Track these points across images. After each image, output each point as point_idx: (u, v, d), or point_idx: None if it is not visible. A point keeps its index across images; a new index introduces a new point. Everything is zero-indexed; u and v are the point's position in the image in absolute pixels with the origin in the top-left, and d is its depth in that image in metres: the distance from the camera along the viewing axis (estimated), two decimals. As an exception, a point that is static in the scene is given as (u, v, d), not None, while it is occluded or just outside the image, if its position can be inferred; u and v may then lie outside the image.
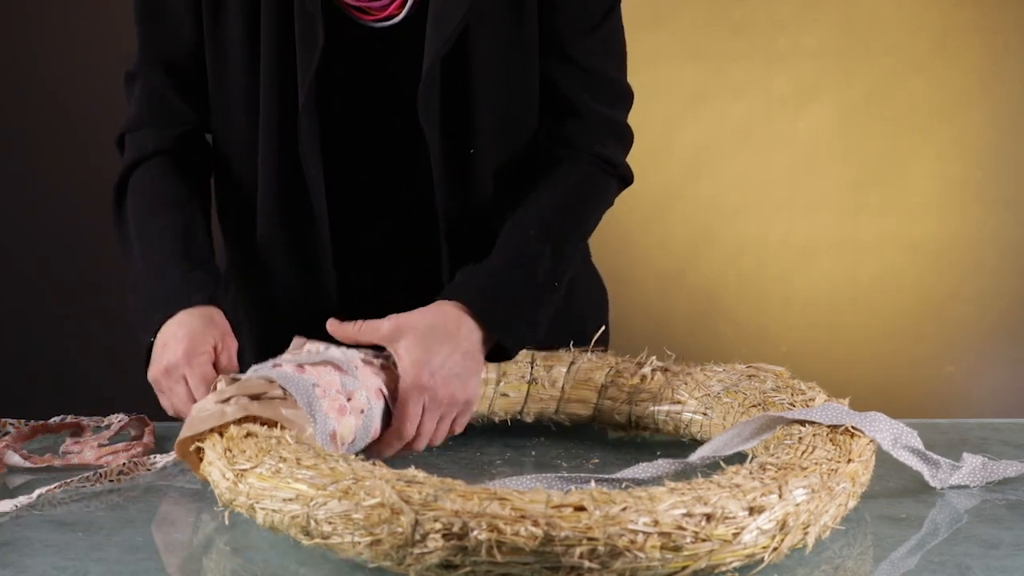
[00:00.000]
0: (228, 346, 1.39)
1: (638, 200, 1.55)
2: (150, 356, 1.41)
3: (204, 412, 1.25)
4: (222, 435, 1.22)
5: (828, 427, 1.26)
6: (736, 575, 1.09)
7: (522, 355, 1.53)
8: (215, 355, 1.38)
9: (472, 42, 1.49)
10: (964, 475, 1.34)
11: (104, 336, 2.78)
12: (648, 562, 1.03)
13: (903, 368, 3.04)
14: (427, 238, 1.54)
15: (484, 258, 1.46)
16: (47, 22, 2.88)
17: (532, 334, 1.46)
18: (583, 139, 1.56)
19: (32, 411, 1.59)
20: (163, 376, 1.38)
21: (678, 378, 1.50)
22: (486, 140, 1.52)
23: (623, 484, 1.26)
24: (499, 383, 1.51)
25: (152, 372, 1.39)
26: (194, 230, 1.49)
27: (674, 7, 2.94)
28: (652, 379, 1.51)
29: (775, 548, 1.09)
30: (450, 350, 1.36)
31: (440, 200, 1.52)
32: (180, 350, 1.36)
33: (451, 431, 1.40)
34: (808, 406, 1.33)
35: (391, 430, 1.35)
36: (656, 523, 1.03)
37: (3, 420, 1.53)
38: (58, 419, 1.55)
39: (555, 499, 1.04)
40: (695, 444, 1.40)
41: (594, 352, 1.56)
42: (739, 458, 1.24)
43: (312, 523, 1.08)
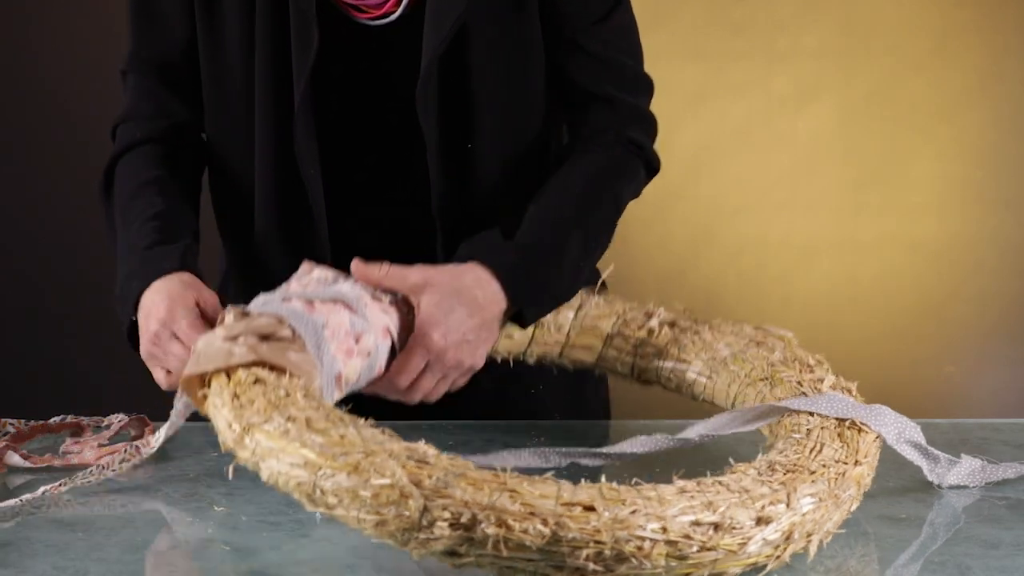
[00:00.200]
0: (208, 300, 1.38)
1: (638, 200, 1.55)
2: (136, 337, 1.40)
3: (211, 348, 1.22)
4: (229, 376, 1.20)
5: (835, 419, 1.25)
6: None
7: None
8: (199, 309, 1.36)
9: (470, 39, 1.48)
10: (963, 476, 1.34)
11: (104, 336, 2.77)
12: (652, 569, 1.03)
13: (903, 368, 3.04)
14: (424, 237, 1.54)
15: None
16: (47, 22, 2.88)
17: (553, 308, 1.46)
18: (607, 124, 1.54)
19: (32, 411, 1.59)
20: (154, 342, 1.36)
21: (686, 335, 1.48)
22: (485, 137, 1.51)
23: (621, 456, 1.26)
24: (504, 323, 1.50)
25: (143, 346, 1.37)
26: (174, 212, 1.48)
27: (674, 7, 2.94)
28: (660, 333, 1.50)
29: (778, 557, 1.10)
30: (469, 315, 1.35)
31: (436, 198, 1.51)
32: (163, 309, 1.35)
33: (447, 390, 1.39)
34: (816, 387, 1.33)
35: (387, 377, 1.33)
36: (664, 530, 1.03)
37: (3, 420, 1.53)
38: (58, 419, 1.55)
39: (565, 495, 1.03)
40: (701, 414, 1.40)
41: (602, 296, 1.54)
42: (746, 438, 1.25)
43: (318, 492, 1.06)
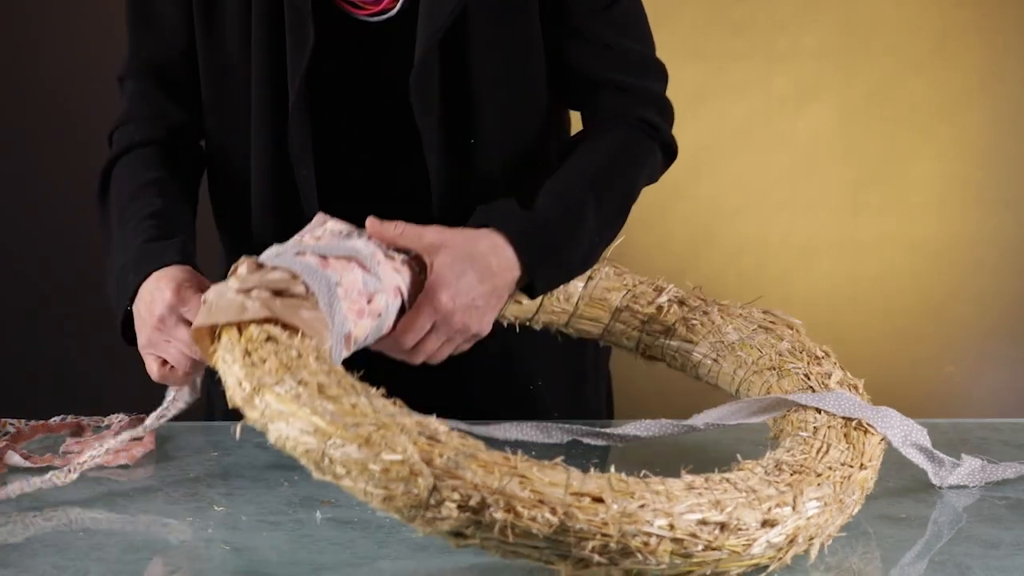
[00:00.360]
0: None
1: (638, 200, 1.54)
2: (129, 332, 1.38)
3: (223, 300, 1.21)
4: (240, 331, 1.19)
5: (842, 417, 1.25)
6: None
7: None
8: None
9: (468, 32, 1.47)
10: (963, 475, 1.34)
11: (104, 336, 2.77)
12: (656, 566, 1.03)
13: (903, 368, 3.03)
14: None
15: None
16: (47, 22, 2.88)
17: (565, 282, 1.46)
18: (621, 108, 1.54)
19: (32, 411, 1.59)
20: (159, 327, 1.33)
21: (695, 315, 1.48)
22: (485, 133, 1.51)
23: (624, 439, 1.26)
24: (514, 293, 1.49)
25: (144, 334, 1.34)
26: (172, 211, 1.46)
27: (674, 7, 2.94)
28: (668, 311, 1.49)
29: (780, 558, 1.10)
30: (480, 280, 1.35)
31: (436, 196, 1.51)
32: (170, 293, 1.32)
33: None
34: (824, 383, 1.32)
35: (392, 335, 1.33)
36: (672, 527, 1.03)
37: (3, 420, 1.53)
38: (58, 419, 1.55)
39: (575, 484, 1.03)
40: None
41: (612, 266, 1.54)
42: (747, 436, 1.27)
43: (326, 461, 1.05)
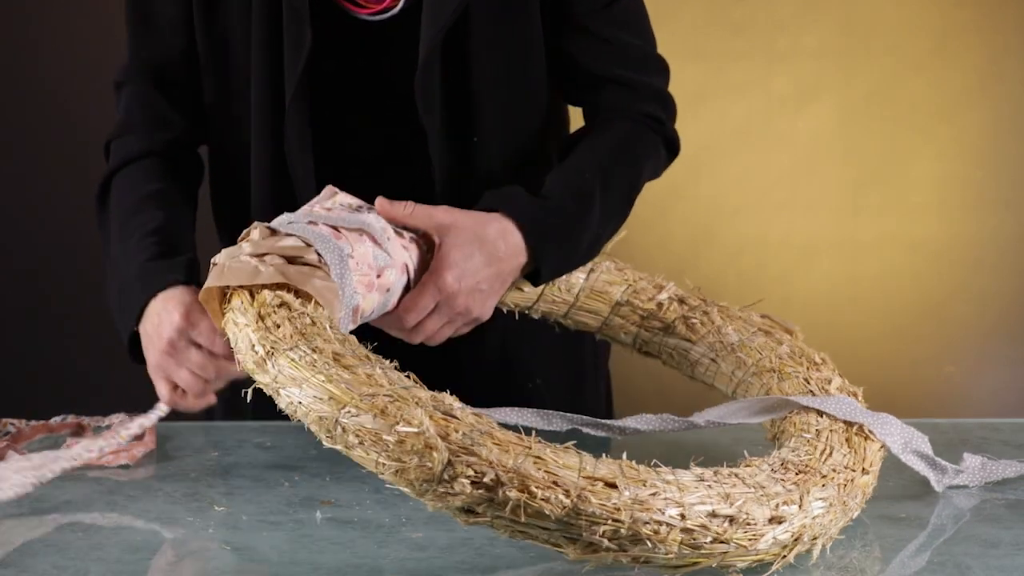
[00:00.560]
0: None
1: (639, 200, 1.55)
2: (136, 350, 1.38)
3: (236, 263, 1.20)
4: (252, 295, 1.18)
5: (843, 422, 1.25)
6: (740, 575, 1.09)
7: None
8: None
9: (470, 30, 1.47)
10: (964, 475, 1.34)
11: (104, 336, 2.77)
12: (665, 554, 1.04)
13: (903, 368, 3.03)
14: None
15: None
16: (47, 22, 2.88)
17: (568, 271, 1.46)
18: (623, 103, 1.54)
19: (32, 411, 1.59)
20: (168, 351, 1.32)
21: (694, 314, 1.48)
22: (487, 130, 1.51)
23: (625, 431, 1.27)
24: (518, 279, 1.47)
25: (153, 356, 1.34)
26: (175, 226, 1.45)
27: (674, 7, 2.94)
28: (668, 308, 1.49)
29: (783, 556, 1.10)
30: (486, 264, 1.35)
31: (440, 195, 1.51)
32: (179, 316, 1.31)
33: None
34: (824, 388, 1.33)
35: (395, 312, 1.33)
36: (683, 517, 1.03)
37: (3, 420, 1.53)
38: (58, 419, 1.55)
39: (588, 468, 1.03)
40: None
41: (613, 261, 1.54)
42: (747, 436, 1.27)
43: (339, 429, 1.05)
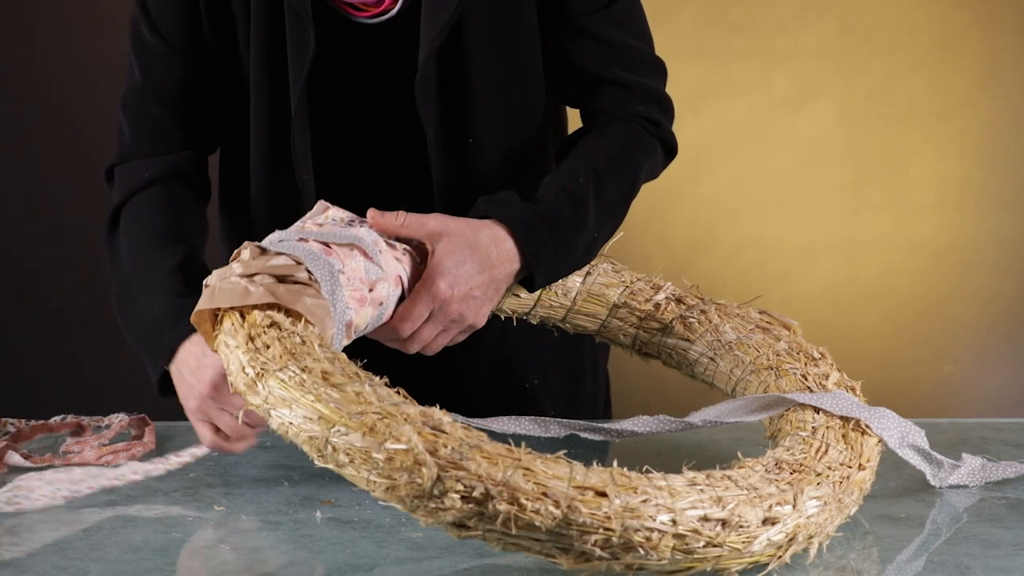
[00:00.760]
0: None
1: (638, 200, 1.54)
2: (164, 384, 1.38)
3: (226, 284, 1.21)
4: (243, 316, 1.19)
5: (840, 418, 1.25)
6: (736, 576, 1.09)
7: None
8: None
9: (467, 31, 1.47)
10: (963, 475, 1.34)
11: (104, 336, 2.78)
12: (658, 560, 1.04)
13: (902, 367, 3.03)
14: None
15: None
16: (47, 22, 2.88)
17: (563, 276, 1.46)
18: (621, 104, 1.54)
19: (32, 411, 1.59)
20: (211, 395, 1.32)
21: (692, 314, 1.48)
22: (485, 130, 1.51)
23: (621, 434, 1.27)
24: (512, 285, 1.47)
25: (194, 400, 1.33)
26: (197, 261, 1.45)
27: (674, 7, 2.94)
28: (665, 308, 1.50)
29: (779, 557, 1.10)
30: (479, 271, 1.35)
31: (438, 194, 1.50)
32: (218, 359, 1.28)
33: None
34: (821, 384, 1.33)
35: (389, 323, 1.33)
36: (674, 523, 1.03)
37: (3, 420, 1.53)
38: (58, 419, 1.55)
39: (578, 477, 1.03)
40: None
41: (610, 263, 1.54)
42: (747, 436, 1.27)
43: (329, 449, 1.05)
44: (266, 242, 1.27)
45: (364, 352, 1.31)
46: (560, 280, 1.49)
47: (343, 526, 1.23)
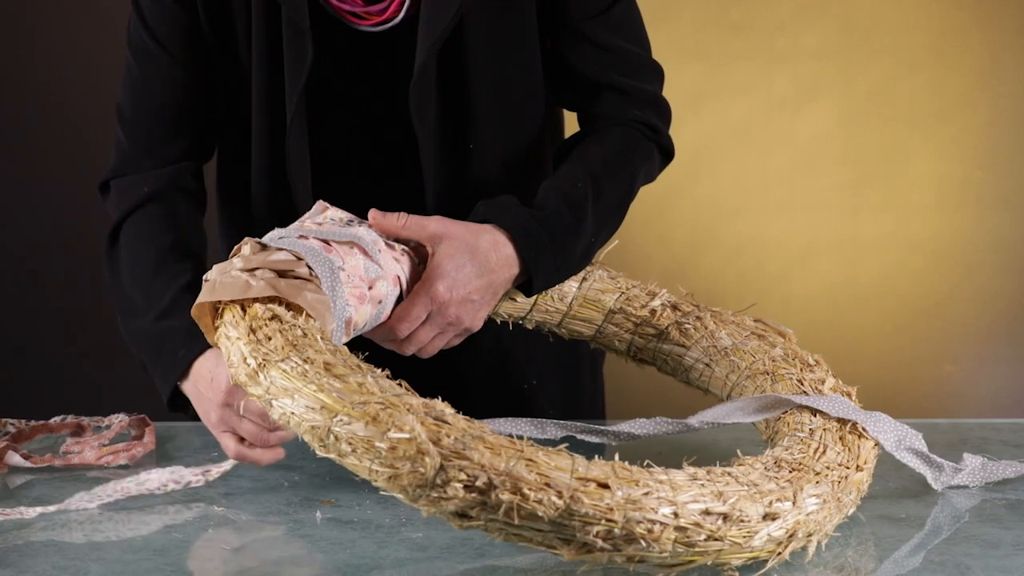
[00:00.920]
0: None
1: (638, 200, 1.55)
2: (174, 400, 1.38)
3: (227, 278, 1.21)
4: (244, 310, 1.19)
5: (836, 421, 1.26)
6: (736, 573, 1.09)
7: None
8: None
9: (466, 38, 1.47)
10: (963, 475, 1.34)
11: (104, 336, 2.78)
12: (659, 552, 1.04)
13: (903, 367, 3.03)
14: None
15: None
16: (47, 22, 2.88)
17: (561, 281, 1.46)
18: (619, 109, 1.54)
19: (32, 411, 1.59)
20: (226, 404, 1.31)
21: (687, 320, 1.49)
22: (483, 138, 1.51)
23: (620, 437, 1.27)
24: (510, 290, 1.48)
25: (215, 412, 1.33)
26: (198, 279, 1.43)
27: (674, 7, 2.94)
28: (661, 315, 1.50)
29: (779, 554, 1.10)
30: (477, 275, 1.35)
31: (432, 200, 1.50)
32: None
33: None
34: (817, 388, 1.33)
35: (387, 323, 1.33)
36: (676, 515, 1.04)
37: (3, 420, 1.53)
38: (58, 419, 1.55)
39: (580, 469, 1.04)
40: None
41: (605, 269, 1.55)
42: (746, 436, 1.26)
43: (331, 438, 1.05)
44: (266, 239, 1.27)
45: (365, 348, 1.31)
46: (556, 285, 1.49)
47: (343, 526, 1.23)
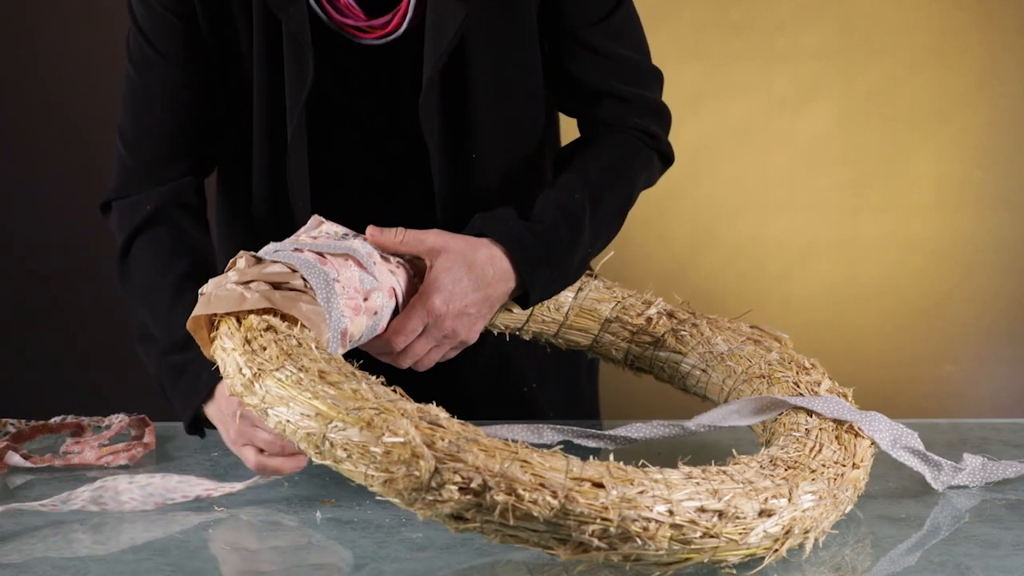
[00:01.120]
0: None
1: (638, 200, 1.55)
2: (195, 423, 1.38)
3: (222, 292, 1.21)
4: (239, 322, 1.19)
5: (832, 421, 1.26)
6: (734, 571, 1.09)
7: None
8: None
9: (469, 49, 1.47)
10: (964, 475, 1.34)
11: (104, 336, 2.78)
12: (655, 550, 1.04)
13: (903, 367, 3.03)
14: None
15: None
16: (47, 22, 2.88)
17: (557, 292, 1.47)
18: (619, 117, 1.55)
19: (32, 411, 1.59)
20: (243, 415, 1.31)
21: (683, 327, 1.49)
22: (486, 146, 1.51)
23: (617, 441, 1.28)
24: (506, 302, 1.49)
25: (232, 428, 1.32)
26: None
27: (674, 7, 2.94)
28: (657, 322, 1.51)
29: (775, 550, 1.10)
30: (474, 288, 1.36)
31: (440, 210, 1.50)
32: None
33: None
34: (813, 390, 1.33)
35: (383, 336, 1.33)
36: (671, 513, 1.04)
37: (3, 420, 1.53)
38: (58, 419, 1.55)
39: (575, 469, 1.04)
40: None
41: (601, 279, 1.55)
42: (745, 436, 1.26)
43: (326, 444, 1.06)
44: (261, 252, 1.28)
45: (359, 358, 1.31)
46: (552, 296, 1.50)
47: (343, 526, 1.23)
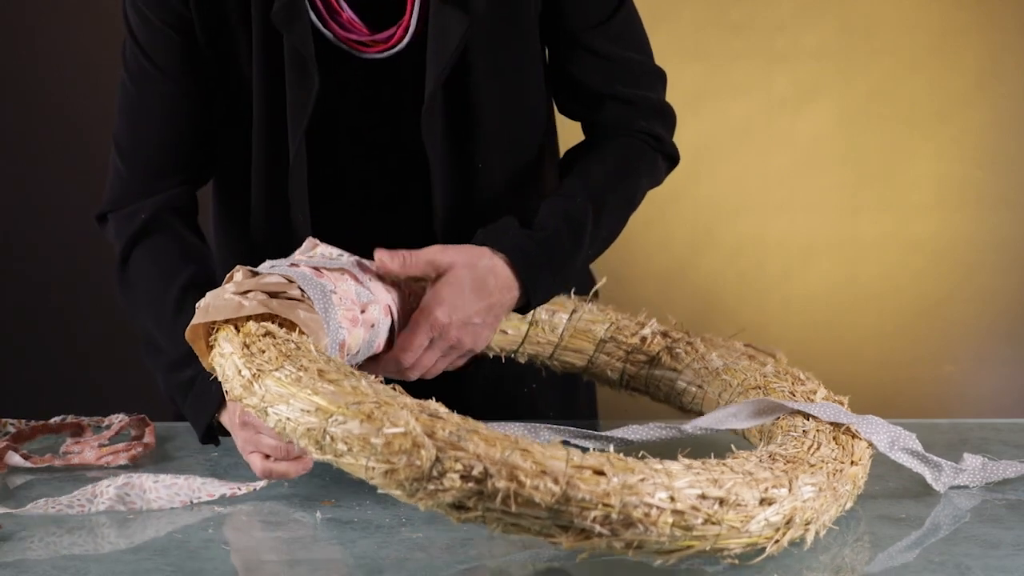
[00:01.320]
0: None
1: (638, 200, 1.55)
2: (210, 432, 1.39)
3: (220, 301, 1.22)
4: (238, 329, 1.19)
5: (830, 424, 1.26)
6: (736, 561, 1.10)
7: None
8: None
9: (472, 57, 1.47)
10: (964, 475, 1.34)
11: (104, 336, 2.78)
12: (657, 537, 1.04)
13: (902, 368, 3.03)
14: None
15: None
16: (47, 22, 2.88)
17: (558, 293, 1.47)
18: (623, 119, 1.55)
19: (32, 411, 1.59)
20: (244, 424, 1.32)
21: (678, 345, 1.50)
22: (488, 157, 1.51)
23: (612, 443, 1.28)
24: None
25: (240, 436, 1.33)
26: None
27: (674, 7, 2.94)
28: (652, 342, 1.51)
29: (777, 541, 1.10)
30: (478, 298, 1.36)
31: (440, 222, 1.50)
32: None
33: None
34: (809, 399, 1.34)
35: (391, 353, 1.34)
36: (672, 499, 1.04)
37: (3, 420, 1.53)
38: (58, 419, 1.55)
39: (575, 458, 1.04)
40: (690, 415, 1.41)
41: (594, 303, 1.56)
42: (741, 440, 1.25)
43: (327, 439, 1.06)
44: (259, 269, 1.28)
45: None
46: (547, 316, 1.52)
47: (343, 526, 1.23)
